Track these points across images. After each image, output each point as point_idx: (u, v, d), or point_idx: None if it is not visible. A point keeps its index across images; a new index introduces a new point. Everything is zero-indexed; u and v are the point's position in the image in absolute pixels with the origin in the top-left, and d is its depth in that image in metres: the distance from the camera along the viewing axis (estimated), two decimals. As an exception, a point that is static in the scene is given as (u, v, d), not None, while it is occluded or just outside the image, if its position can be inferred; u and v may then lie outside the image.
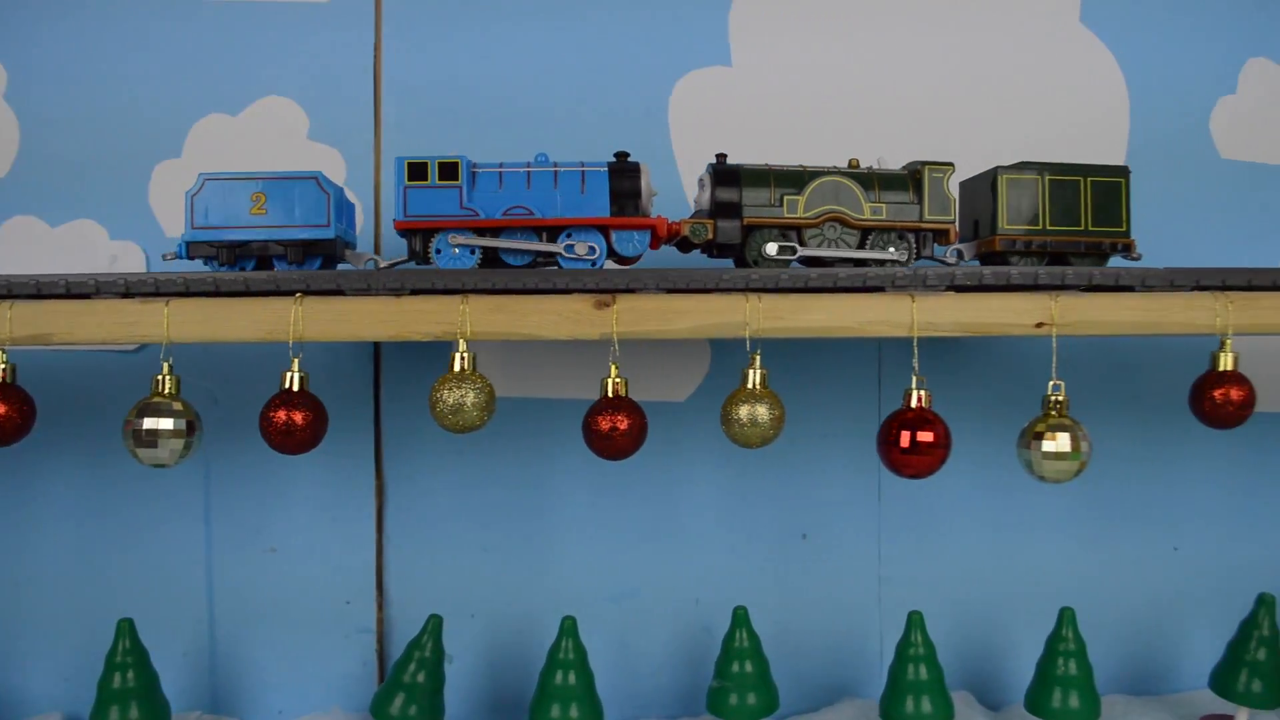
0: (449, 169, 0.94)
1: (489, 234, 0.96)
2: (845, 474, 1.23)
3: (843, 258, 0.98)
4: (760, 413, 0.92)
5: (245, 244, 0.94)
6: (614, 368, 0.93)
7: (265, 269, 0.95)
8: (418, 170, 0.94)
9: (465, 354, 0.91)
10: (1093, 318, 0.96)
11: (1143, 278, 0.99)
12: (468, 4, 1.19)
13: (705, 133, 1.20)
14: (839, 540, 1.23)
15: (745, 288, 0.93)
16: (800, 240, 0.99)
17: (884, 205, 0.99)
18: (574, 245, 0.95)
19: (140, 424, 0.89)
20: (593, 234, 0.96)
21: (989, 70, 1.24)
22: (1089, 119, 1.24)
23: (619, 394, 0.93)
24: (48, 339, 0.88)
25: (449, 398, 0.89)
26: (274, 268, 0.95)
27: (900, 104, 1.23)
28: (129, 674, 1.03)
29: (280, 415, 0.91)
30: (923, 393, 0.95)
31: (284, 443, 0.91)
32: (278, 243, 0.94)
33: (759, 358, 0.93)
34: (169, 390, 0.91)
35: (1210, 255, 1.23)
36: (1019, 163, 1.00)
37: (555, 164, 0.97)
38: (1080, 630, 1.09)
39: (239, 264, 0.95)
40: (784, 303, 0.93)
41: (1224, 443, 1.27)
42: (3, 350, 0.89)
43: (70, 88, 1.16)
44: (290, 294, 0.91)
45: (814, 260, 0.99)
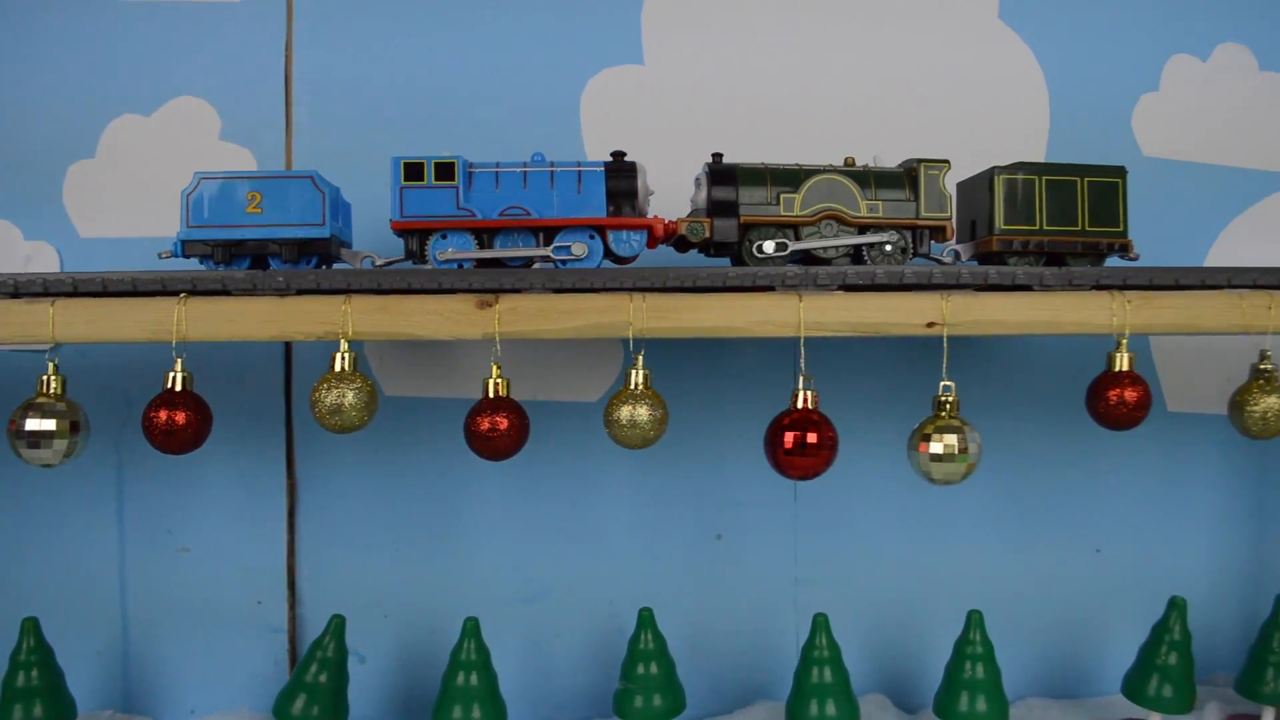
0: (445, 169, 0.94)
1: (485, 235, 0.96)
2: (761, 474, 1.19)
3: (838, 245, 0.99)
4: (640, 414, 0.91)
5: (240, 243, 0.93)
6: (495, 368, 0.93)
7: (261, 268, 0.94)
8: (413, 170, 0.94)
9: (346, 354, 0.90)
10: (985, 317, 0.95)
11: (1040, 277, 0.98)
12: (380, 4, 1.19)
13: (617, 130, 1.19)
14: (755, 541, 1.22)
15: (631, 287, 0.93)
16: (797, 238, 0.99)
17: (880, 203, 0.99)
18: (570, 248, 0.95)
19: (24, 424, 0.90)
20: (589, 234, 0.96)
21: (906, 67, 1.23)
22: (1008, 116, 1.23)
23: (499, 394, 0.92)
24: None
25: (327, 398, 0.89)
26: (269, 266, 0.95)
27: (816, 101, 1.22)
28: (33, 672, 1.03)
29: (161, 415, 0.91)
30: (809, 393, 0.94)
31: (166, 443, 0.91)
32: (273, 241, 0.93)
33: (642, 358, 0.92)
34: (54, 390, 0.92)
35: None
36: (1015, 163, 1.00)
37: (552, 164, 0.97)
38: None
39: (235, 262, 0.94)
40: (669, 302, 0.92)
41: (1147, 443, 1.25)
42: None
43: (-18, 88, 1.17)
44: (209, 294, 0.91)
45: (808, 254, 0.99)
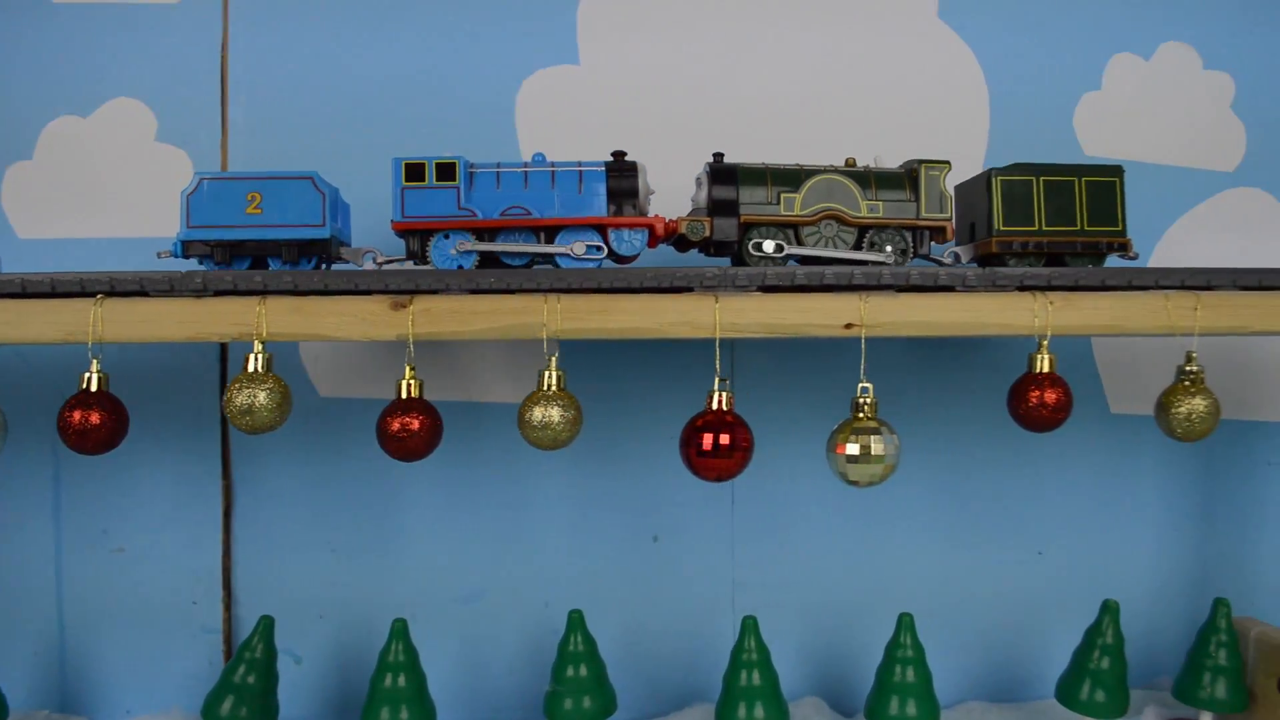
0: (446, 169, 0.94)
1: (487, 235, 0.95)
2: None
3: (836, 258, 0.99)
4: (553, 415, 0.91)
5: (240, 243, 0.94)
6: (409, 369, 0.92)
7: (261, 268, 0.94)
8: (414, 171, 0.94)
9: (260, 355, 0.90)
10: (905, 319, 0.94)
11: (963, 278, 0.97)
12: (316, 6, 1.19)
13: (553, 131, 1.19)
14: (691, 543, 1.22)
15: (548, 288, 0.93)
16: (798, 238, 0.99)
17: (881, 203, 0.99)
18: (571, 247, 0.95)
19: (-62, 425, 0.90)
20: (590, 233, 0.96)
21: (844, 66, 1.22)
22: (948, 115, 1.22)
23: (412, 395, 0.92)
24: None
25: (238, 399, 0.89)
26: (269, 267, 0.95)
27: (752, 100, 1.22)
28: (-38, 672, 1.05)
29: (75, 416, 0.91)
30: (725, 395, 0.93)
31: (80, 443, 0.91)
32: (273, 242, 0.94)
33: (555, 359, 0.92)
34: (-29, 391, 0.92)
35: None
36: (1013, 164, 1.00)
37: (553, 164, 0.97)
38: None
39: (234, 263, 0.95)
40: (583, 304, 0.92)
41: (1091, 445, 1.25)
42: None
43: (-79, 90, 1.17)
44: (127, 295, 0.91)
45: (808, 259, 0.99)
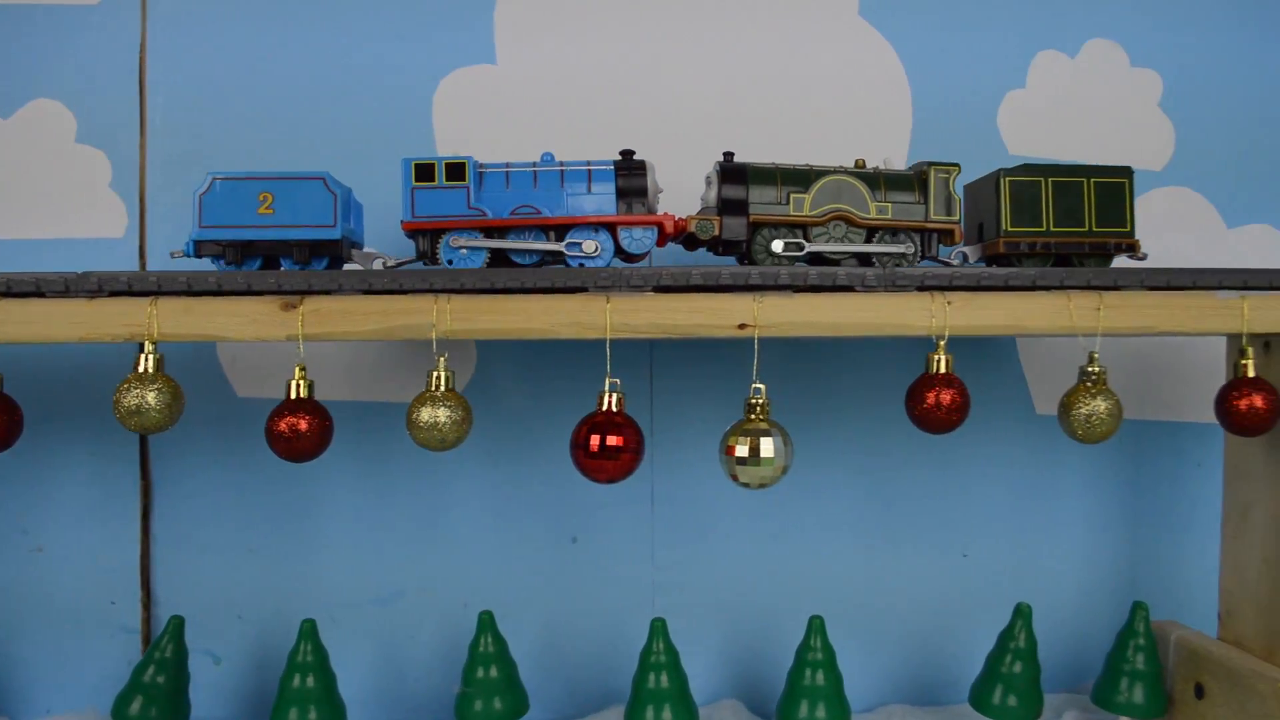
0: (456, 169, 0.95)
1: (497, 234, 0.96)
2: (615, 477, 1.21)
3: (849, 252, 0.98)
4: (440, 416, 0.90)
5: (252, 243, 0.94)
6: (298, 369, 0.92)
7: (272, 268, 0.95)
8: (424, 171, 0.95)
9: (151, 355, 0.90)
10: (800, 319, 0.94)
11: (863, 278, 0.96)
12: (234, 6, 1.19)
13: (470, 130, 1.19)
14: (611, 544, 1.21)
15: (440, 289, 0.92)
16: (806, 238, 0.99)
17: (890, 205, 0.99)
18: (581, 245, 0.95)
19: None
20: (599, 232, 0.96)
21: (763, 64, 1.21)
22: (869, 114, 1.21)
23: (301, 395, 0.92)
24: None
25: (126, 399, 0.89)
26: (281, 267, 0.95)
27: (674, 99, 1.21)
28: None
29: (-35, 418, 0.91)
30: (615, 396, 0.93)
31: (-28, 444, 0.92)
32: (284, 242, 0.94)
33: (444, 360, 0.92)
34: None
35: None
36: (1022, 165, 1.00)
37: (561, 163, 0.97)
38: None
39: (246, 263, 0.95)
40: (474, 304, 0.92)
41: (1016, 447, 1.24)
42: None
43: None
44: (22, 296, 0.90)
45: (819, 256, 0.99)
